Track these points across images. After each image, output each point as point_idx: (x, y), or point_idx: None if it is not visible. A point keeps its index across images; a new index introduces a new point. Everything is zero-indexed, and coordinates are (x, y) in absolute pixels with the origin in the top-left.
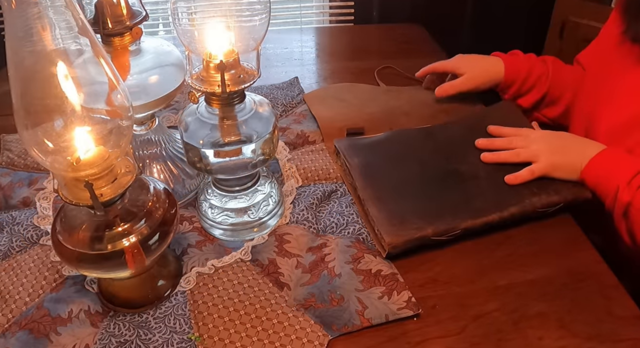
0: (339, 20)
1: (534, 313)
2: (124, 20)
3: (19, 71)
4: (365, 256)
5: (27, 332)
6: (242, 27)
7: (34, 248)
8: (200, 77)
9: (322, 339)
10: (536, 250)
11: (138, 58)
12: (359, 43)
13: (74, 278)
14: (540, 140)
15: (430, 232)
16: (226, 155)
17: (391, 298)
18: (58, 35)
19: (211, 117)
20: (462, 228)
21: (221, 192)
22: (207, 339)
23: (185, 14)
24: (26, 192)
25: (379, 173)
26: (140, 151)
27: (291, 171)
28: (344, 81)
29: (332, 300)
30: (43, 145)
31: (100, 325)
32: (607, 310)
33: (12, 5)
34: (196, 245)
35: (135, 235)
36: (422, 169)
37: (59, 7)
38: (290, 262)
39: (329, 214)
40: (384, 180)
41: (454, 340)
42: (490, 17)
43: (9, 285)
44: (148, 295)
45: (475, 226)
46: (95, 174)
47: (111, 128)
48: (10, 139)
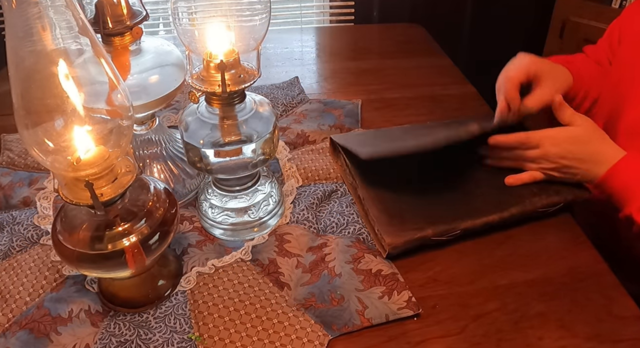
0: (339, 20)
1: (534, 313)
2: (124, 20)
3: (19, 71)
4: (365, 256)
5: (27, 331)
6: (243, 27)
7: (34, 248)
8: (200, 77)
9: (322, 339)
10: (536, 250)
11: (138, 58)
12: (359, 43)
13: (74, 278)
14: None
15: (431, 233)
16: (226, 155)
17: (391, 298)
18: (58, 35)
19: (211, 117)
20: (462, 228)
21: (221, 191)
22: (207, 339)
23: (185, 14)
24: (26, 191)
25: (379, 172)
26: (141, 151)
27: (291, 171)
28: (344, 81)
29: (332, 300)
30: (43, 144)
31: (100, 324)
32: (607, 310)
33: (12, 5)
34: (196, 244)
35: (136, 235)
36: (422, 168)
37: (59, 7)
38: (291, 262)
39: (329, 214)
40: (384, 180)
41: (454, 340)
42: (490, 17)
43: (9, 284)
44: (148, 294)
45: (475, 226)
46: (95, 173)
47: (111, 128)
48: (10, 138)
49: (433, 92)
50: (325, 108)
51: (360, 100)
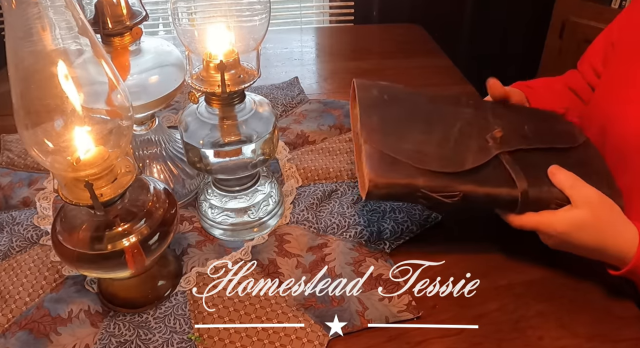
0: (339, 20)
1: (534, 313)
2: (124, 20)
3: (19, 71)
4: (366, 260)
5: (27, 332)
6: (242, 27)
7: (34, 248)
8: (200, 77)
9: (322, 339)
10: (536, 250)
11: (138, 58)
12: (359, 43)
13: (74, 278)
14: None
15: (421, 183)
16: (226, 155)
17: (392, 301)
18: (58, 35)
19: (211, 117)
20: (461, 190)
21: (221, 192)
22: (207, 339)
23: (185, 14)
24: (26, 192)
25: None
26: (140, 151)
27: (291, 171)
28: (344, 81)
29: (333, 301)
30: (43, 145)
31: (100, 325)
32: (607, 310)
33: (12, 5)
34: (196, 245)
35: (135, 235)
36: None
37: (59, 7)
38: (291, 262)
39: (329, 214)
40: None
41: (454, 340)
42: (489, 18)
43: (9, 285)
44: (148, 295)
45: (476, 194)
46: (95, 174)
47: (111, 128)
48: (10, 139)
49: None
50: (325, 108)
51: None
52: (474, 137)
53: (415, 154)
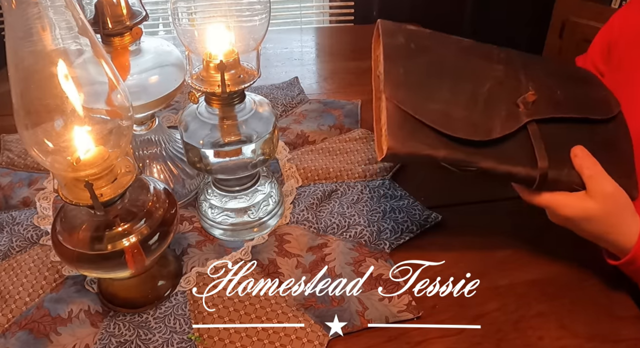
0: (339, 20)
1: (534, 313)
2: (124, 20)
3: (19, 71)
4: (366, 260)
5: (27, 332)
6: (242, 27)
7: (34, 248)
8: (200, 77)
9: (322, 339)
10: (536, 250)
11: (138, 58)
12: (359, 43)
13: (74, 278)
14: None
15: (443, 155)
16: (226, 155)
17: (392, 301)
18: (58, 35)
19: (211, 117)
20: (481, 166)
21: (221, 192)
22: (207, 339)
23: (185, 14)
24: (26, 192)
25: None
26: (140, 151)
27: (291, 171)
28: (344, 81)
29: (333, 301)
30: (43, 145)
31: (100, 325)
32: (607, 310)
33: (12, 5)
34: (196, 245)
35: (135, 235)
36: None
37: (59, 7)
38: (291, 262)
39: (329, 214)
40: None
41: (454, 340)
42: (489, 18)
43: (9, 285)
44: (148, 295)
45: (495, 171)
46: (95, 174)
47: (111, 128)
48: (10, 139)
49: None
50: (325, 108)
51: (360, 100)
52: (504, 100)
53: (441, 117)
